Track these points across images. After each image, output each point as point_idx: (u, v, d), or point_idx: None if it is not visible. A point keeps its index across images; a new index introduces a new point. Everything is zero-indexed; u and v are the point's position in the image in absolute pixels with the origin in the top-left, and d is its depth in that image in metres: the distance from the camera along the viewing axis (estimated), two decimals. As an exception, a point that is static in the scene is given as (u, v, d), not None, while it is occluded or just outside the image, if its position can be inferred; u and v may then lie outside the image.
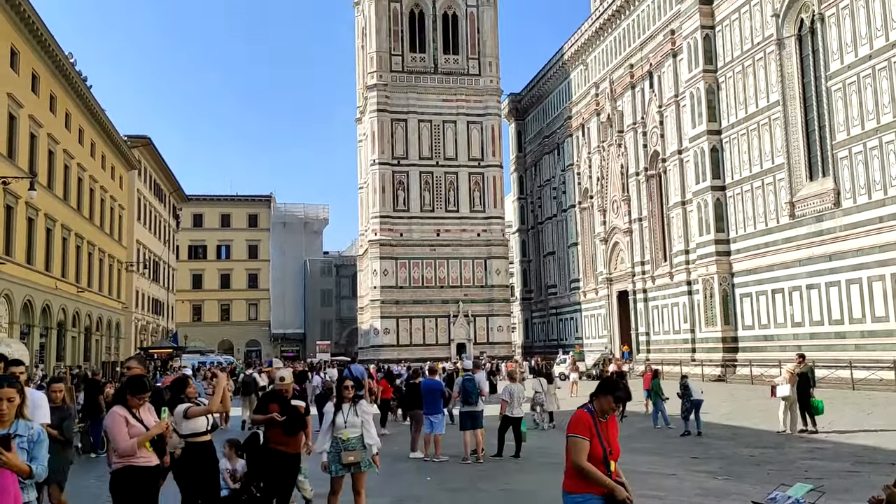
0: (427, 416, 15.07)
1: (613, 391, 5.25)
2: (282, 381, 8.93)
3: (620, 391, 5.29)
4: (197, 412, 7.96)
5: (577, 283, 64.90)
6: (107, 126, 46.18)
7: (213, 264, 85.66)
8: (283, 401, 8.60)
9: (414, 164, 64.87)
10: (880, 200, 30.42)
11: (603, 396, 5.23)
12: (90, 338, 44.09)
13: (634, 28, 53.58)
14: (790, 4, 35.94)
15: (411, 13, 66.17)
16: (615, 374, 24.97)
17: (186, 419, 7.88)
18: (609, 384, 5.38)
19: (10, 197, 31.14)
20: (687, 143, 44.20)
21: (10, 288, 31.06)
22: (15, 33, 31.96)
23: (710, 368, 39.85)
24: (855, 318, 31.89)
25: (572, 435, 5.12)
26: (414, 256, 64.15)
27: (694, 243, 43.76)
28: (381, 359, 56.90)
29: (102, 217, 46.34)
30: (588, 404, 5.28)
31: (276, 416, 8.39)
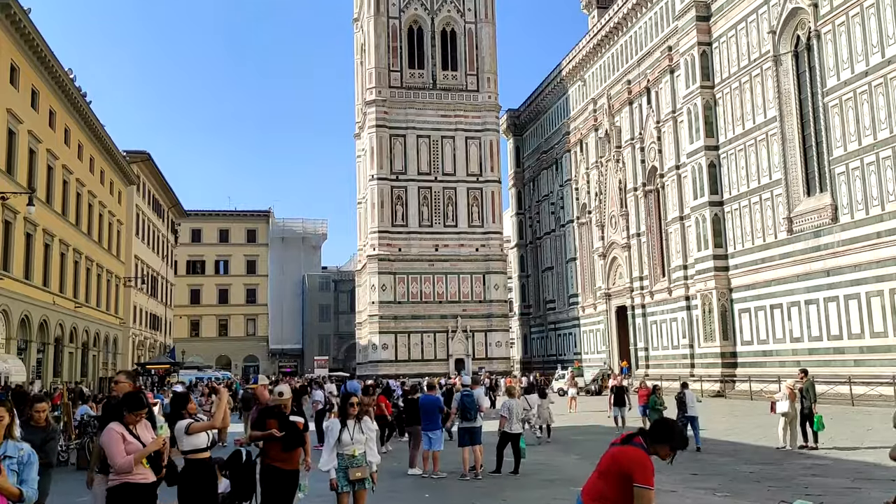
0: (425, 433, 14.99)
1: (670, 440, 4.66)
2: (280, 396, 8.86)
3: (677, 440, 4.70)
4: (200, 427, 7.91)
5: (575, 298, 64.87)
6: (106, 141, 46.25)
7: (211, 279, 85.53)
8: (281, 416, 8.51)
9: (412, 180, 64.99)
10: (878, 216, 30.49)
11: (660, 445, 4.65)
12: (87, 353, 43.93)
13: (632, 45, 53.89)
14: (786, 22, 36.16)
15: (410, 30, 66.53)
16: (616, 387, 24.96)
17: (188, 435, 7.83)
18: (666, 430, 4.74)
19: (9, 212, 31.12)
20: (685, 159, 44.34)
21: (7, 303, 30.97)
22: (15, 49, 32.06)
23: (709, 384, 39.78)
24: (854, 333, 31.87)
25: (644, 486, 4.42)
26: (412, 271, 64.13)
27: (692, 258, 43.80)
28: (380, 374, 56.75)
29: (101, 232, 46.31)
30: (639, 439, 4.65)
31: (274, 432, 8.32)
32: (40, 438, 7.27)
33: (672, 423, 4.92)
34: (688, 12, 42.89)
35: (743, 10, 39.12)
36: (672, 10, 46.82)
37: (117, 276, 50.71)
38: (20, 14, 31.02)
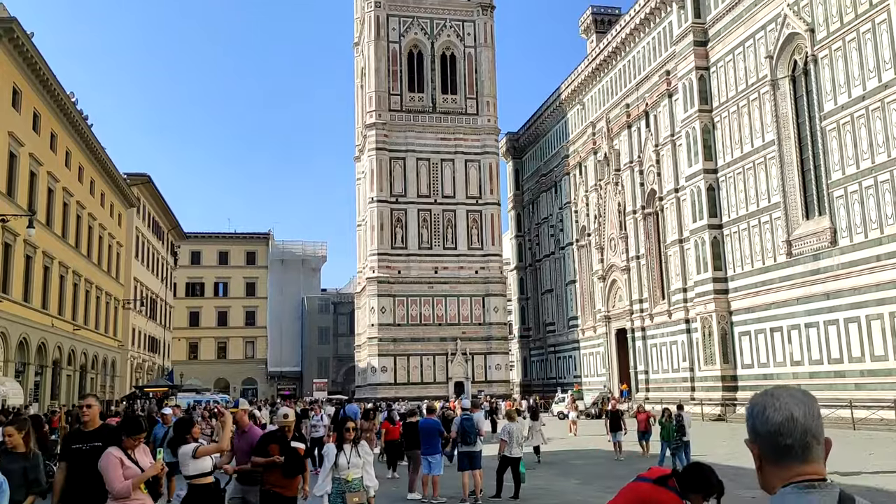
0: (425, 457, 14.89)
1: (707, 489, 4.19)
2: (285, 419, 8.74)
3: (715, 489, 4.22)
4: (207, 451, 7.86)
5: (575, 320, 64.73)
6: (107, 164, 46.42)
7: (210, 301, 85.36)
8: (283, 442, 8.40)
9: (412, 202, 65.12)
10: (877, 239, 30.52)
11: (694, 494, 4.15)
12: (85, 376, 43.75)
13: (630, 69, 54.28)
14: (783, 46, 36.45)
15: (410, 54, 67.01)
16: (611, 412, 24.66)
17: (195, 458, 7.77)
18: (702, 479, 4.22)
19: (9, 234, 31.17)
20: (683, 182, 44.47)
21: (6, 326, 30.90)
22: (17, 72, 32.29)
23: (709, 407, 39.58)
24: (854, 356, 31.77)
25: None
26: (412, 294, 64.04)
27: (692, 281, 43.77)
28: (379, 397, 56.46)
29: (100, 255, 46.34)
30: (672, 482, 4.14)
31: (277, 458, 8.18)
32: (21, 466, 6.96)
33: (709, 471, 4.36)
34: (685, 37, 43.24)
35: (740, 35, 39.45)
36: (670, 35, 47.21)
37: (116, 298, 50.66)
38: (23, 38, 31.28)
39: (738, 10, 39.65)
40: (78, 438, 7.29)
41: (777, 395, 2.08)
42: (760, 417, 2.05)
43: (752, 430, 2.07)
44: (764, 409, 2.06)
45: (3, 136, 30.73)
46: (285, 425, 8.67)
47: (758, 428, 2.05)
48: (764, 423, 2.03)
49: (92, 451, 6.92)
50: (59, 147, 38.35)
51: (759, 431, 2.05)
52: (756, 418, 2.06)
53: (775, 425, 2.01)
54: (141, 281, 57.87)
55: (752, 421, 2.07)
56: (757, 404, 2.09)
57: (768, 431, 2.02)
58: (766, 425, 2.03)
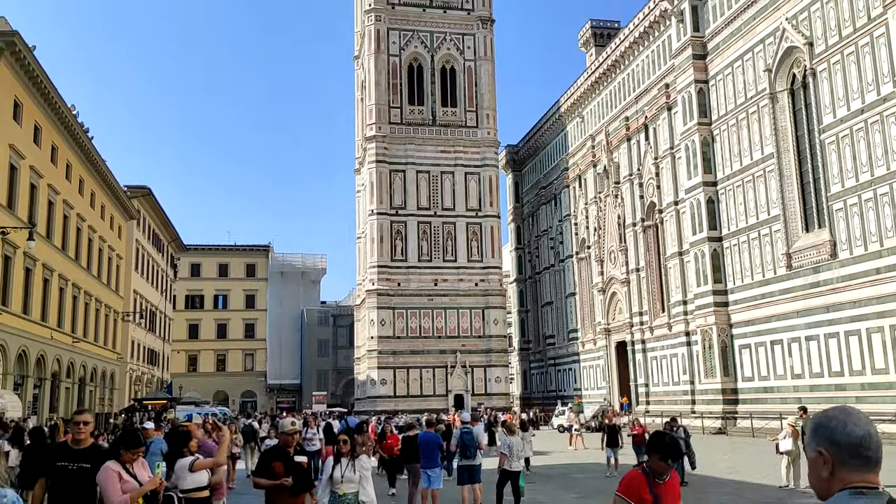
0: (424, 470, 14.82)
1: (659, 449, 4.82)
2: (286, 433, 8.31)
3: (666, 448, 4.84)
4: (203, 465, 7.81)
5: (575, 333, 64.64)
6: (107, 177, 46.47)
7: (209, 314, 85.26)
8: (286, 458, 7.87)
9: (412, 215, 65.15)
10: (877, 252, 30.53)
11: (653, 455, 4.81)
12: (84, 388, 43.60)
13: (629, 82, 54.47)
14: (782, 60, 36.59)
15: (410, 67, 67.24)
16: (607, 426, 24.45)
17: (191, 472, 7.72)
18: (654, 441, 4.94)
19: (9, 247, 31.15)
20: (683, 195, 44.53)
21: (5, 338, 30.84)
22: (19, 85, 32.37)
23: (710, 421, 39.44)
24: (855, 369, 31.71)
25: (618, 495, 4.80)
26: (411, 306, 63.94)
27: (692, 294, 43.74)
28: (378, 410, 56.26)
29: (100, 267, 46.30)
30: (644, 464, 4.90)
31: (285, 482, 7.61)
32: None
33: (662, 433, 5.08)
34: (684, 51, 43.42)
35: (739, 48, 39.61)
36: (669, 49, 47.41)
37: (116, 310, 50.59)
38: (24, 51, 31.38)
39: (736, 23, 39.83)
40: (65, 455, 6.77)
41: (852, 412, 2.39)
42: (842, 430, 2.31)
43: (828, 440, 2.31)
44: (845, 424, 2.32)
45: (4, 148, 30.78)
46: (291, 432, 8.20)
47: (839, 439, 2.29)
48: (846, 435, 2.29)
49: (79, 472, 6.58)
50: (60, 160, 38.40)
51: (839, 442, 2.29)
52: (836, 431, 2.31)
53: (857, 438, 2.29)
54: (140, 293, 57.82)
55: (828, 433, 2.32)
56: (835, 418, 2.35)
57: (850, 443, 2.28)
58: (848, 437, 2.29)
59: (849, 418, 2.35)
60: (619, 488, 4.83)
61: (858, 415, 2.36)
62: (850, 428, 2.31)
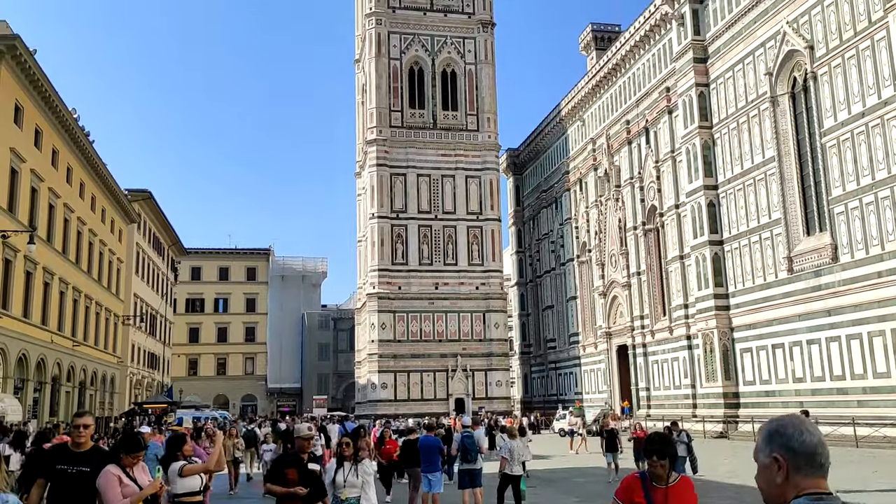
0: (425, 475, 14.79)
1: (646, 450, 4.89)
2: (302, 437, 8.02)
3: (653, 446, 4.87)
4: (193, 470, 7.78)
5: (576, 337, 64.58)
6: (108, 180, 46.50)
7: (210, 317, 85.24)
8: (300, 465, 7.59)
9: (413, 218, 65.13)
10: (878, 255, 30.50)
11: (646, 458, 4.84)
12: (84, 392, 43.59)
13: (630, 85, 54.49)
14: (783, 63, 36.60)
15: (411, 70, 67.28)
16: (607, 431, 24.34)
17: (181, 477, 7.68)
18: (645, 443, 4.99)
19: (10, 250, 31.15)
20: (684, 198, 44.51)
21: (5, 342, 30.83)
22: (20, 89, 32.41)
23: (711, 425, 39.38)
24: (856, 373, 31.64)
25: (615, 498, 4.93)
26: (412, 310, 63.89)
27: (693, 298, 43.69)
28: (379, 414, 56.19)
29: (101, 270, 46.30)
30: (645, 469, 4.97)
31: (299, 490, 7.35)
32: None
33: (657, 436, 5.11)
34: (685, 54, 43.45)
35: (740, 52, 39.63)
36: (669, 52, 47.44)
37: (116, 314, 50.58)
38: (25, 55, 31.42)
39: (737, 27, 39.85)
40: (64, 458, 6.71)
41: (805, 420, 2.46)
42: (798, 438, 2.39)
43: (784, 446, 2.38)
44: (801, 431, 2.40)
45: (4, 152, 30.81)
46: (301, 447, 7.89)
47: (795, 446, 2.37)
48: (802, 443, 2.37)
49: (78, 476, 6.53)
50: (61, 163, 38.43)
51: (795, 449, 2.37)
52: (793, 438, 2.39)
53: (812, 446, 2.37)
54: (141, 297, 57.81)
55: (785, 440, 2.39)
56: (790, 426, 2.43)
57: (806, 451, 2.36)
58: (804, 445, 2.37)
59: (804, 426, 2.44)
60: (616, 492, 4.93)
61: (810, 423, 2.45)
62: (806, 436, 2.39)
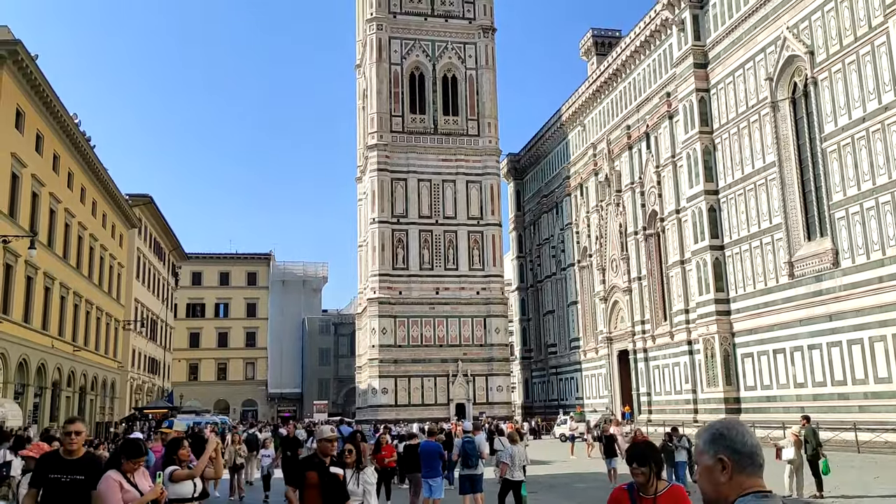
0: (426, 480, 14.76)
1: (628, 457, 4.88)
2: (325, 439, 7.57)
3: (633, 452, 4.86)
4: (181, 476, 7.70)
5: (577, 342, 64.51)
6: (109, 185, 46.52)
7: (210, 322, 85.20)
8: (322, 469, 7.29)
9: (413, 223, 65.14)
10: (879, 260, 30.45)
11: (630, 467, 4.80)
12: (84, 397, 43.54)
13: (631, 91, 54.54)
14: (783, 68, 36.62)
15: (412, 76, 67.37)
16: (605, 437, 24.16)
17: (172, 482, 7.60)
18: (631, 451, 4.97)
19: (10, 255, 31.15)
20: (685, 203, 44.49)
21: (6, 347, 30.80)
22: (21, 94, 32.44)
23: (712, 430, 39.24)
24: (858, 378, 31.57)
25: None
26: (413, 315, 63.85)
27: (694, 303, 43.64)
28: (379, 419, 56.12)
29: (101, 275, 46.29)
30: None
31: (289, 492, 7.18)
32: None
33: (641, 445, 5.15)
34: (686, 59, 43.48)
35: (740, 57, 39.66)
36: (670, 58, 47.49)
37: (117, 319, 50.56)
38: (27, 60, 31.46)
39: (737, 32, 39.89)
40: (57, 466, 6.53)
41: (743, 424, 2.69)
42: (741, 440, 2.59)
43: (729, 448, 2.57)
44: (742, 434, 2.61)
45: (6, 157, 30.82)
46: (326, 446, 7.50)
47: (738, 447, 2.57)
48: (744, 444, 2.58)
49: (72, 485, 6.40)
50: (62, 168, 38.45)
51: (740, 450, 2.57)
52: (736, 441, 2.58)
53: (752, 447, 2.57)
54: (142, 302, 57.78)
55: (729, 442, 2.58)
56: (733, 429, 2.63)
57: (749, 452, 2.57)
58: (746, 446, 2.57)
59: (743, 429, 2.63)
60: None
61: (747, 426, 2.68)
62: (748, 437, 2.60)
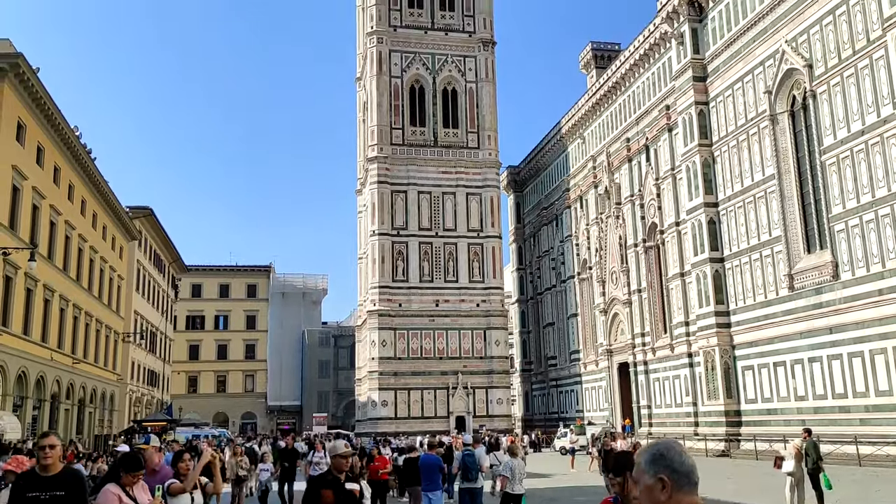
0: (425, 493, 14.70)
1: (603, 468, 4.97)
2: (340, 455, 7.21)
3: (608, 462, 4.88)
4: (176, 489, 7.65)
5: (577, 354, 64.39)
6: (109, 197, 46.58)
7: (210, 335, 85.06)
8: (337, 486, 7.02)
9: (413, 235, 65.17)
10: (879, 273, 30.44)
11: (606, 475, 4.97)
12: (83, 410, 43.42)
13: (630, 103, 54.70)
14: (782, 82, 36.74)
15: (412, 88, 67.59)
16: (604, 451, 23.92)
17: (170, 496, 7.57)
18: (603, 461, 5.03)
19: (10, 267, 31.15)
20: (684, 216, 44.53)
21: (5, 359, 30.74)
22: (22, 107, 32.54)
23: (713, 443, 39.16)
24: (859, 391, 31.48)
25: None
26: (413, 327, 63.77)
27: (694, 315, 43.59)
28: (379, 432, 55.93)
29: (101, 287, 46.27)
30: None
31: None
32: None
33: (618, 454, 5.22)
34: (685, 73, 43.63)
35: (739, 70, 39.80)
36: (669, 71, 47.66)
37: (116, 331, 50.49)
38: (28, 73, 31.59)
39: (736, 46, 40.06)
40: (35, 485, 6.25)
41: (680, 444, 2.85)
42: (679, 460, 2.75)
43: (668, 468, 2.73)
44: (680, 454, 2.77)
45: (6, 169, 30.88)
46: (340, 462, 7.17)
47: (677, 467, 2.73)
48: (682, 464, 2.74)
49: (51, 501, 6.18)
50: (63, 180, 38.51)
51: (678, 470, 2.73)
52: (675, 461, 2.74)
53: (690, 466, 2.74)
54: (141, 314, 57.73)
55: (668, 462, 2.74)
56: (672, 449, 2.79)
57: (686, 471, 2.73)
58: (684, 466, 2.73)
59: (681, 449, 2.79)
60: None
61: (683, 446, 2.84)
62: (685, 457, 2.75)
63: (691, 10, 43.46)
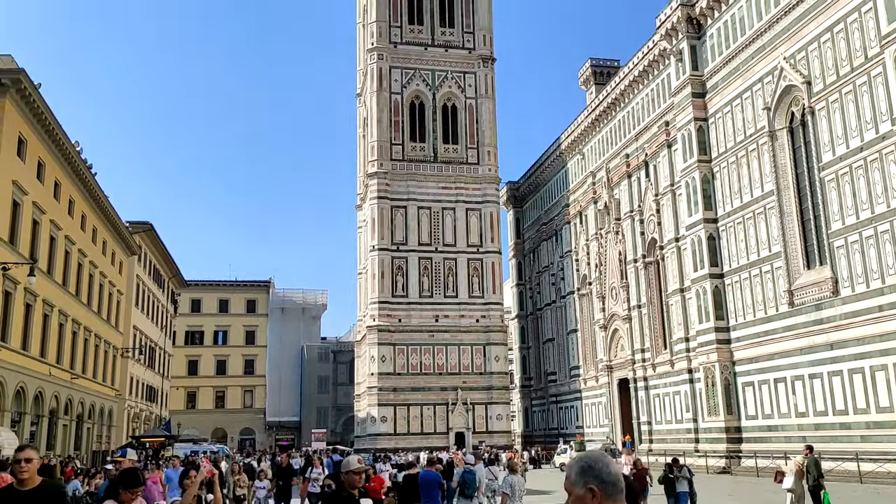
0: (425, 511, 14.60)
1: None
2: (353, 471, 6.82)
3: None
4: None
5: (576, 370, 64.22)
6: (109, 213, 46.62)
7: (209, 350, 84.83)
8: (351, 502, 6.76)
9: (413, 251, 65.19)
10: (879, 289, 30.43)
11: None
12: (82, 426, 43.24)
13: (629, 119, 54.90)
14: (780, 98, 36.90)
15: (412, 104, 67.85)
16: None
17: None
18: None
19: (10, 282, 31.13)
20: (684, 231, 44.58)
21: (3, 374, 30.65)
22: (23, 122, 32.64)
23: (714, 460, 38.98)
24: (860, 408, 31.38)
25: None
26: (412, 342, 63.64)
27: (694, 331, 43.52)
28: (378, 447, 55.69)
29: (100, 303, 46.21)
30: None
31: None
32: None
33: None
34: (684, 89, 43.83)
35: (738, 87, 39.98)
36: (668, 87, 47.86)
37: (115, 346, 50.38)
38: (30, 89, 31.72)
39: (735, 62, 40.26)
40: (11, 500, 6.11)
41: (607, 455, 3.03)
42: (606, 471, 2.93)
43: (597, 478, 2.91)
44: (608, 465, 2.94)
45: (7, 184, 30.93)
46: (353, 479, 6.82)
47: (605, 477, 2.91)
48: (609, 474, 2.92)
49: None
50: (63, 196, 38.56)
51: (606, 480, 2.90)
52: (603, 471, 2.92)
53: (615, 476, 2.91)
54: (140, 329, 57.62)
55: (597, 472, 2.92)
56: (599, 461, 2.96)
57: (613, 480, 2.90)
58: (611, 476, 2.91)
59: (608, 460, 2.96)
60: None
61: (609, 457, 3.01)
62: (612, 467, 2.92)
63: (690, 28, 43.73)
